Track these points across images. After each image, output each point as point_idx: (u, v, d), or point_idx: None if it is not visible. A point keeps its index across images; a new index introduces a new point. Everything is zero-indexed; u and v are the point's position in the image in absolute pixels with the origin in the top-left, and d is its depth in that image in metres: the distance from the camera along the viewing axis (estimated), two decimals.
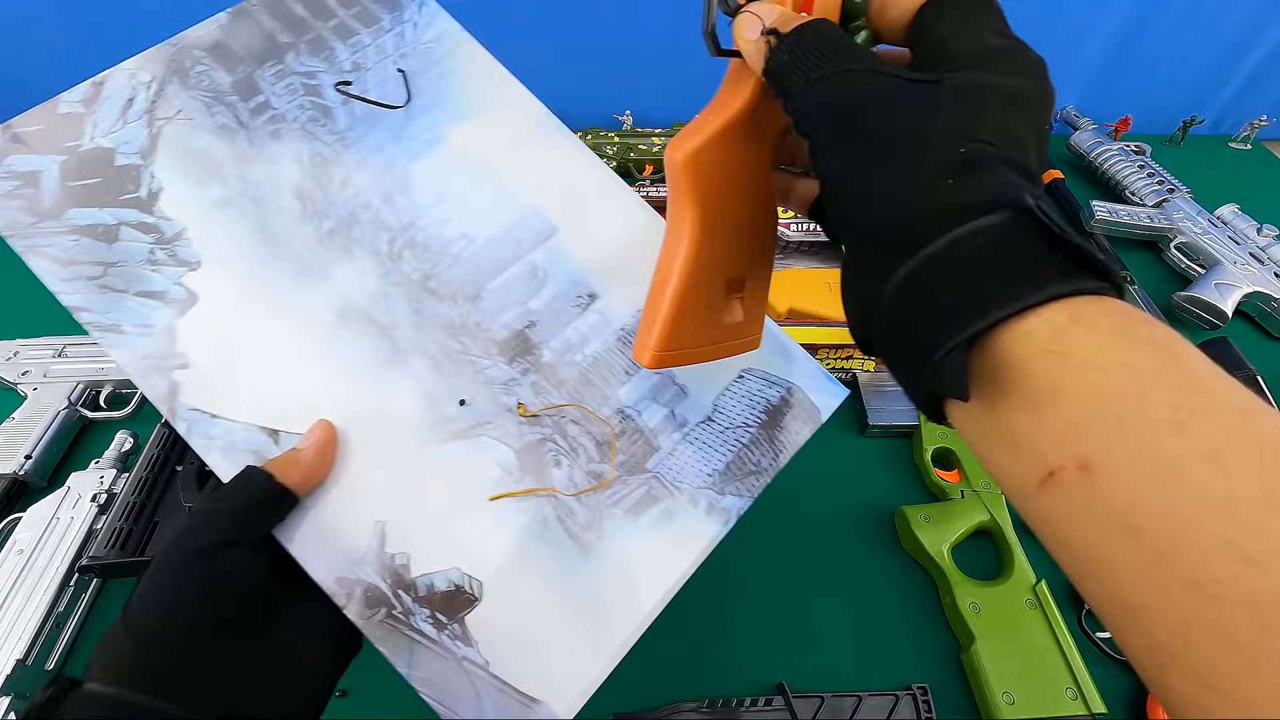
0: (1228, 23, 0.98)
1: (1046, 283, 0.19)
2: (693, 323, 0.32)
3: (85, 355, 0.69)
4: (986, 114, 0.21)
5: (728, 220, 0.32)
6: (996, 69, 0.22)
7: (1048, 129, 0.24)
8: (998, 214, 0.20)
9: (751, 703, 0.48)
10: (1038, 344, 0.19)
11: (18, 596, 0.51)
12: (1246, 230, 0.83)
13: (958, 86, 0.22)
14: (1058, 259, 0.19)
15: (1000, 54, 0.23)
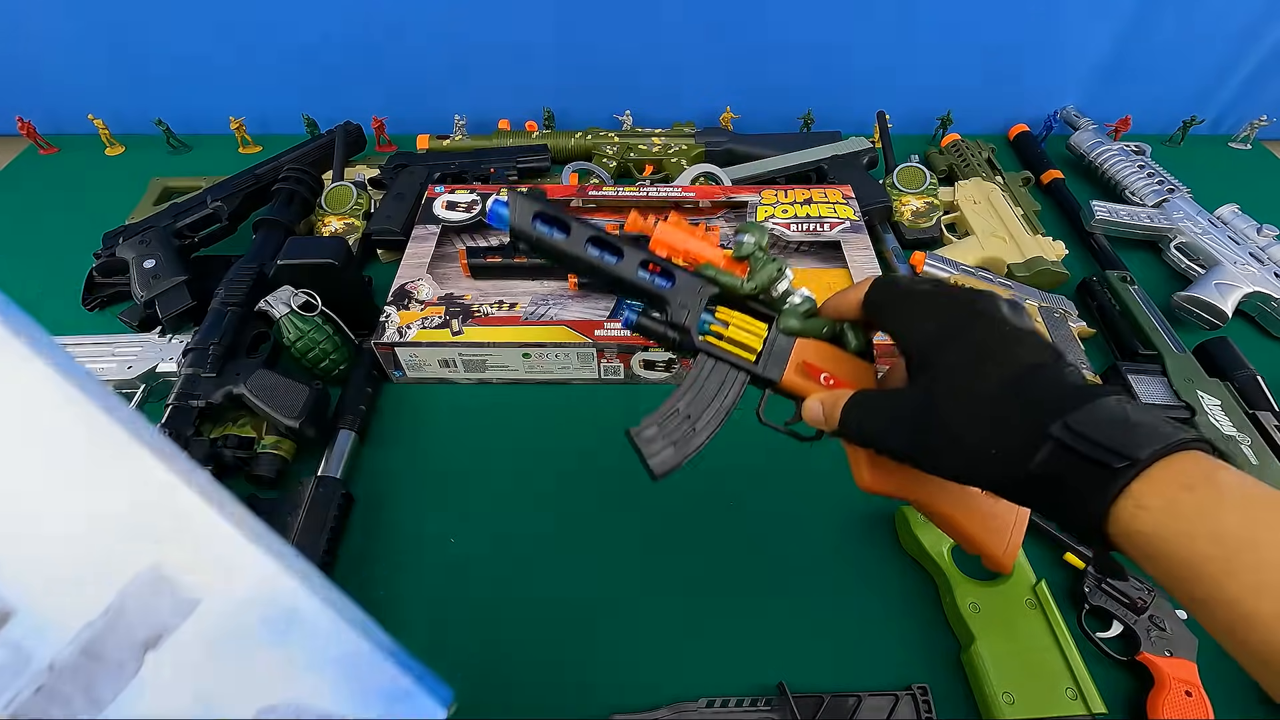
0: (1228, 23, 0.98)
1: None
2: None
3: (85, 355, 0.69)
4: (975, 399, 0.30)
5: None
6: (945, 348, 0.31)
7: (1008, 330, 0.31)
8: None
9: (751, 703, 0.48)
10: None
11: None
12: (1246, 230, 0.83)
13: (938, 392, 0.31)
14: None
15: (940, 332, 0.32)
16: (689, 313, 0.41)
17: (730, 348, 0.41)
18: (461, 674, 0.51)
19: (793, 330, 0.41)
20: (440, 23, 0.97)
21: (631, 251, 0.42)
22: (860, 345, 0.41)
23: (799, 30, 0.98)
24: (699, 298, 0.42)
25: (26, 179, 1.00)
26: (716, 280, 0.42)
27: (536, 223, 0.41)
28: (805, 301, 0.42)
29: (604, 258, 0.42)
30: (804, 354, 0.41)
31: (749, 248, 0.41)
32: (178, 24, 0.97)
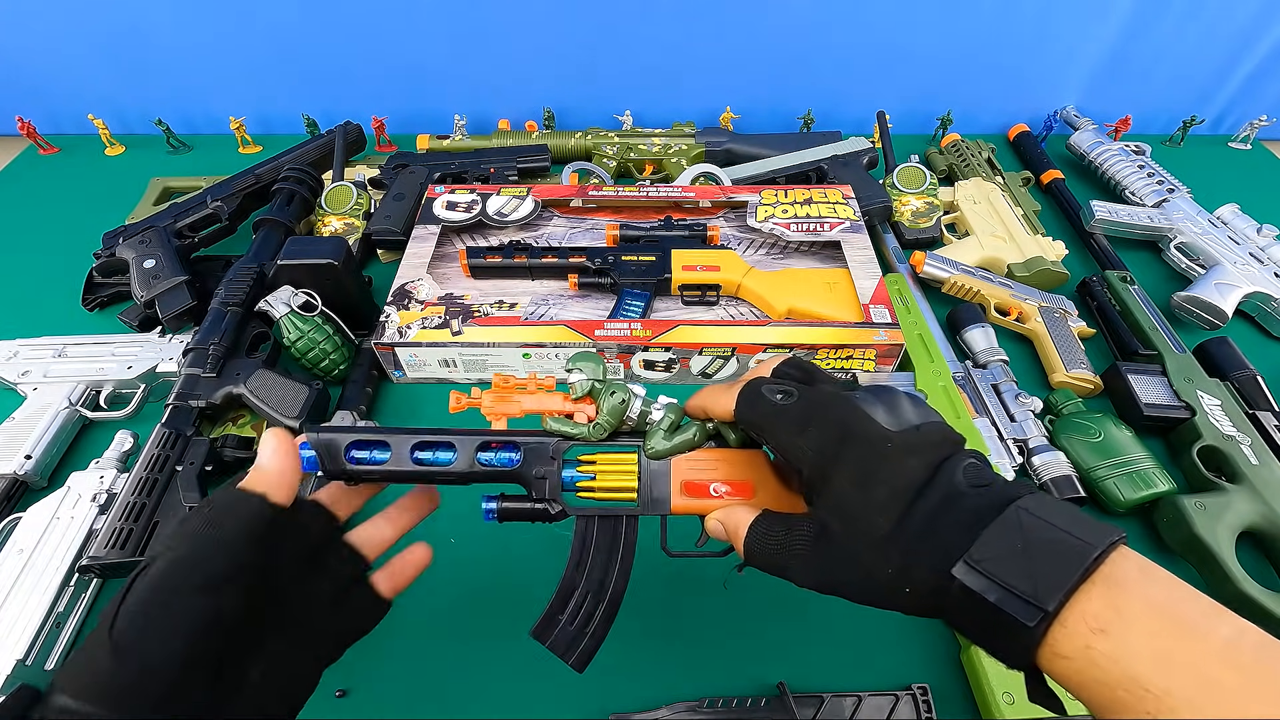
0: (1228, 23, 0.98)
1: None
2: None
3: (85, 355, 0.69)
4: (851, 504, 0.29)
5: None
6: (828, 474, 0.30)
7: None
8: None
9: (751, 703, 0.48)
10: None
11: (18, 596, 0.51)
12: (1246, 230, 0.83)
13: (834, 525, 0.30)
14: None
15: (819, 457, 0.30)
16: (548, 480, 0.37)
17: (606, 493, 0.37)
18: (461, 674, 0.51)
19: (662, 452, 0.37)
20: (441, 23, 0.97)
21: (464, 440, 0.36)
22: (740, 439, 0.38)
23: (799, 31, 0.98)
24: (553, 457, 0.37)
25: (26, 179, 1.00)
26: (563, 433, 0.37)
27: (351, 453, 0.35)
28: (666, 415, 0.37)
29: (436, 458, 0.36)
30: (683, 473, 0.37)
31: (583, 385, 0.37)
32: (178, 24, 0.97)
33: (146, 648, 0.25)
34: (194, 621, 0.26)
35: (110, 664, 0.25)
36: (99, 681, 0.25)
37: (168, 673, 0.25)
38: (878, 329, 0.66)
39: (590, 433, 0.37)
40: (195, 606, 0.27)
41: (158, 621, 0.26)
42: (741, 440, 0.38)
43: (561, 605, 0.37)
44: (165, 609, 0.26)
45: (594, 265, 0.73)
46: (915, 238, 0.85)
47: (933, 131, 1.05)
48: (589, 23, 0.97)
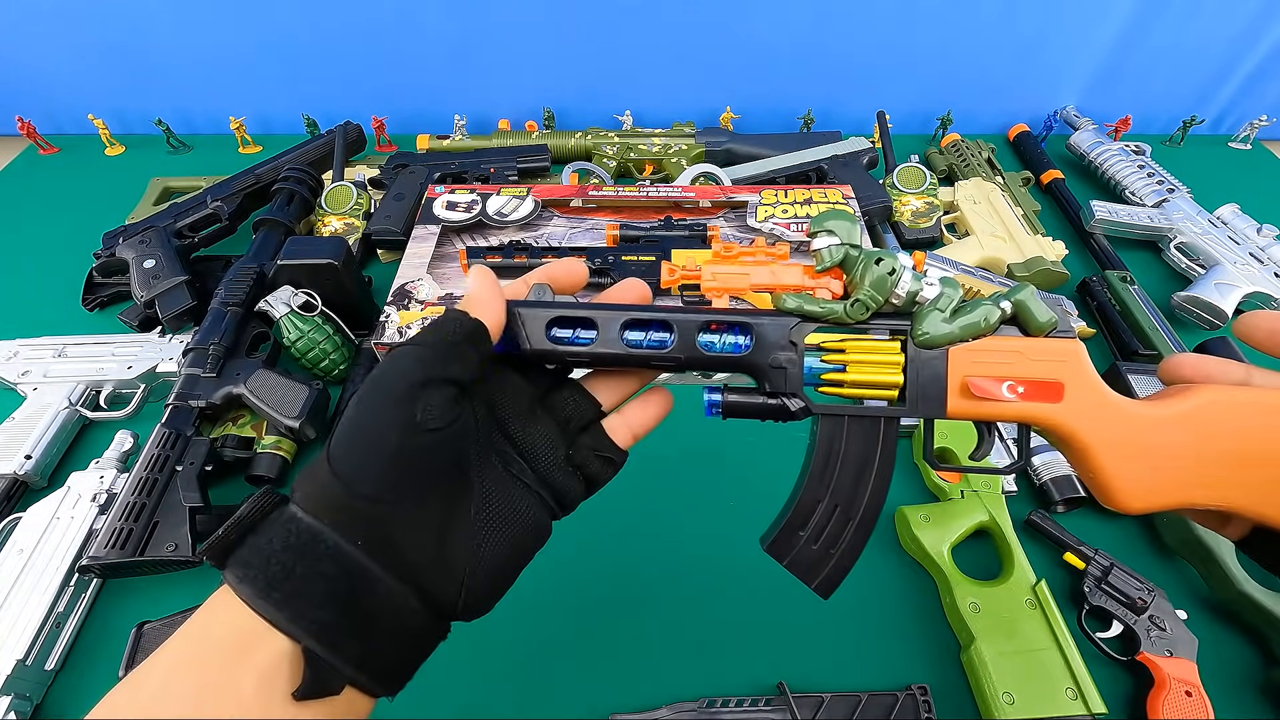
0: (1228, 23, 0.98)
1: None
2: None
3: (85, 355, 0.69)
4: None
5: None
6: None
7: None
8: None
9: (751, 703, 0.48)
10: None
11: (18, 596, 0.51)
12: (1246, 230, 0.83)
13: None
14: None
15: None
16: (787, 370, 0.30)
17: (860, 388, 0.30)
18: (461, 674, 0.51)
19: (938, 339, 0.29)
20: (441, 23, 0.97)
21: (682, 319, 0.30)
22: (1049, 321, 0.29)
23: (799, 30, 0.98)
24: (793, 342, 0.30)
25: (26, 179, 1.00)
26: (806, 313, 0.30)
27: (554, 331, 0.31)
28: (945, 292, 0.29)
29: (649, 341, 0.31)
30: (964, 366, 0.29)
31: (836, 252, 0.30)
32: (178, 24, 0.97)
33: (354, 469, 0.25)
34: (392, 434, 0.25)
35: (328, 473, 0.24)
36: (323, 498, 0.24)
37: (378, 493, 0.24)
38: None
39: (848, 312, 0.30)
40: (392, 418, 0.25)
41: (360, 440, 0.25)
42: (1051, 325, 0.29)
43: (802, 520, 0.31)
44: (362, 426, 0.25)
45: (594, 265, 0.73)
46: (915, 238, 0.85)
47: (933, 131, 1.05)
48: (589, 23, 0.97)
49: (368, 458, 0.25)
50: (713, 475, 0.63)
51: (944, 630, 0.54)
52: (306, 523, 0.24)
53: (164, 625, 0.50)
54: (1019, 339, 0.30)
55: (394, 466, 0.25)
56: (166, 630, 0.50)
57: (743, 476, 0.62)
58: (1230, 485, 0.27)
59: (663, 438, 0.63)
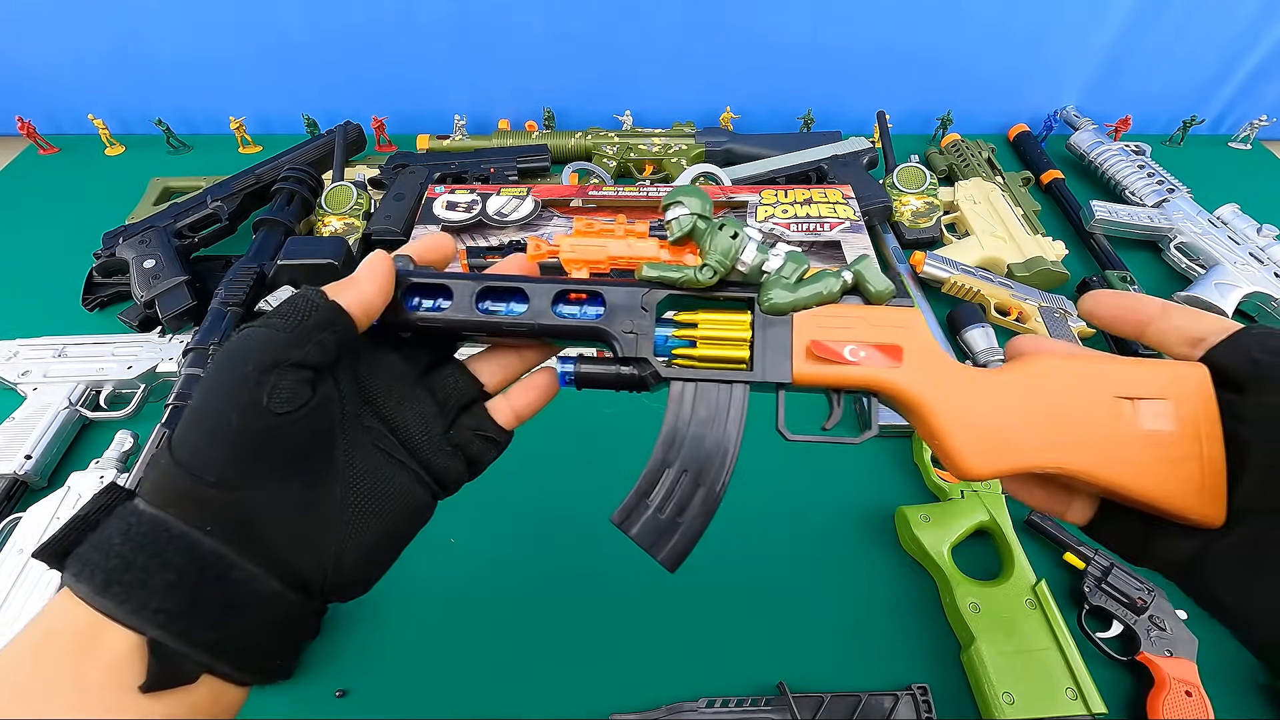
0: (1228, 23, 0.98)
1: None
2: None
3: (85, 355, 0.69)
4: None
5: None
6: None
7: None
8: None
9: (751, 703, 0.48)
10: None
11: (18, 596, 0.51)
12: (1246, 230, 0.83)
13: None
14: None
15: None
16: (638, 337, 0.30)
17: (708, 363, 0.31)
18: (461, 674, 0.51)
19: (782, 306, 0.30)
20: (441, 23, 0.97)
21: (538, 288, 0.31)
22: (886, 289, 0.31)
23: (799, 30, 0.98)
24: (645, 311, 0.31)
25: (26, 179, 1.00)
26: (661, 280, 0.31)
27: (411, 300, 0.31)
28: (789, 262, 0.31)
29: (508, 310, 0.31)
30: (809, 331, 0.30)
31: (686, 222, 0.31)
32: (178, 24, 0.97)
33: (196, 453, 0.24)
34: (234, 417, 0.24)
35: (173, 470, 0.24)
36: (167, 487, 0.24)
37: (223, 477, 0.24)
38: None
39: (696, 276, 0.30)
40: (236, 400, 0.24)
41: (202, 424, 0.24)
42: (888, 292, 0.31)
43: (649, 487, 0.30)
44: (205, 410, 0.24)
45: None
46: (915, 238, 0.85)
47: (933, 131, 1.05)
48: (589, 23, 0.97)
49: (210, 442, 0.24)
50: None
51: (944, 630, 0.54)
52: (149, 514, 0.23)
53: None
54: (860, 306, 0.31)
55: (239, 450, 0.24)
56: None
57: (742, 477, 0.62)
58: (1062, 448, 0.28)
59: None
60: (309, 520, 0.26)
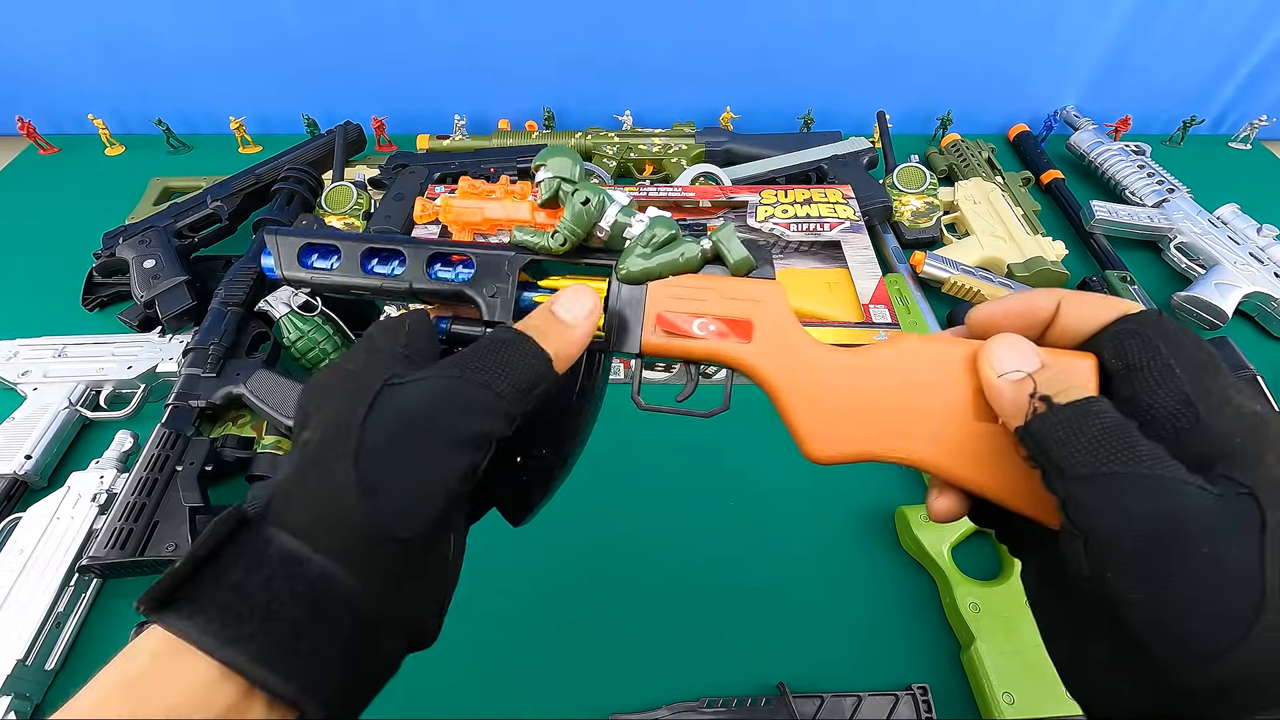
0: (1228, 23, 0.98)
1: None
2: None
3: (85, 355, 0.69)
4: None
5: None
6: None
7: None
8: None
9: (751, 703, 0.48)
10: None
11: (18, 596, 0.51)
12: (1246, 230, 0.83)
13: (1275, 505, 0.19)
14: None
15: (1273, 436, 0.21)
16: (499, 301, 0.30)
17: None
18: (461, 674, 0.51)
19: (635, 275, 0.30)
20: (441, 23, 0.97)
21: (415, 249, 0.31)
22: (743, 259, 0.30)
23: (799, 31, 0.98)
24: (507, 275, 0.30)
25: (26, 179, 1.00)
26: (524, 244, 0.31)
27: (308, 258, 0.32)
28: (651, 228, 0.30)
29: (391, 271, 0.32)
30: (660, 302, 0.29)
31: (550, 185, 0.30)
32: (178, 24, 0.97)
33: (400, 497, 0.20)
34: (454, 479, 0.21)
35: (358, 507, 0.20)
36: (341, 528, 0.20)
37: (416, 534, 0.21)
38: (878, 329, 0.66)
39: (549, 243, 0.30)
40: (457, 462, 0.21)
41: (418, 468, 0.21)
42: (743, 264, 0.30)
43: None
44: (426, 456, 0.21)
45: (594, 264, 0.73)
46: (915, 238, 0.85)
47: (933, 131, 1.05)
48: (589, 23, 0.97)
49: (420, 499, 0.21)
50: (712, 475, 0.63)
51: (944, 630, 0.54)
52: (319, 565, 0.19)
53: None
54: (716, 277, 0.30)
55: (443, 513, 0.21)
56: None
57: (741, 476, 0.62)
58: (914, 437, 0.26)
59: (662, 438, 0.64)
60: (440, 575, 0.24)
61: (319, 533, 0.20)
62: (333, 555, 0.20)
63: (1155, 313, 0.24)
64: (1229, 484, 0.20)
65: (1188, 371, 0.22)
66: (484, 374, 0.23)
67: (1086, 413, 0.21)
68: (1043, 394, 0.22)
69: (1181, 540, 0.19)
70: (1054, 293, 0.26)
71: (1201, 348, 0.23)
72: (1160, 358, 0.22)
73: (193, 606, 0.18)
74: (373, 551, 0.20)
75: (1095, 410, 0.21)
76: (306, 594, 0.19)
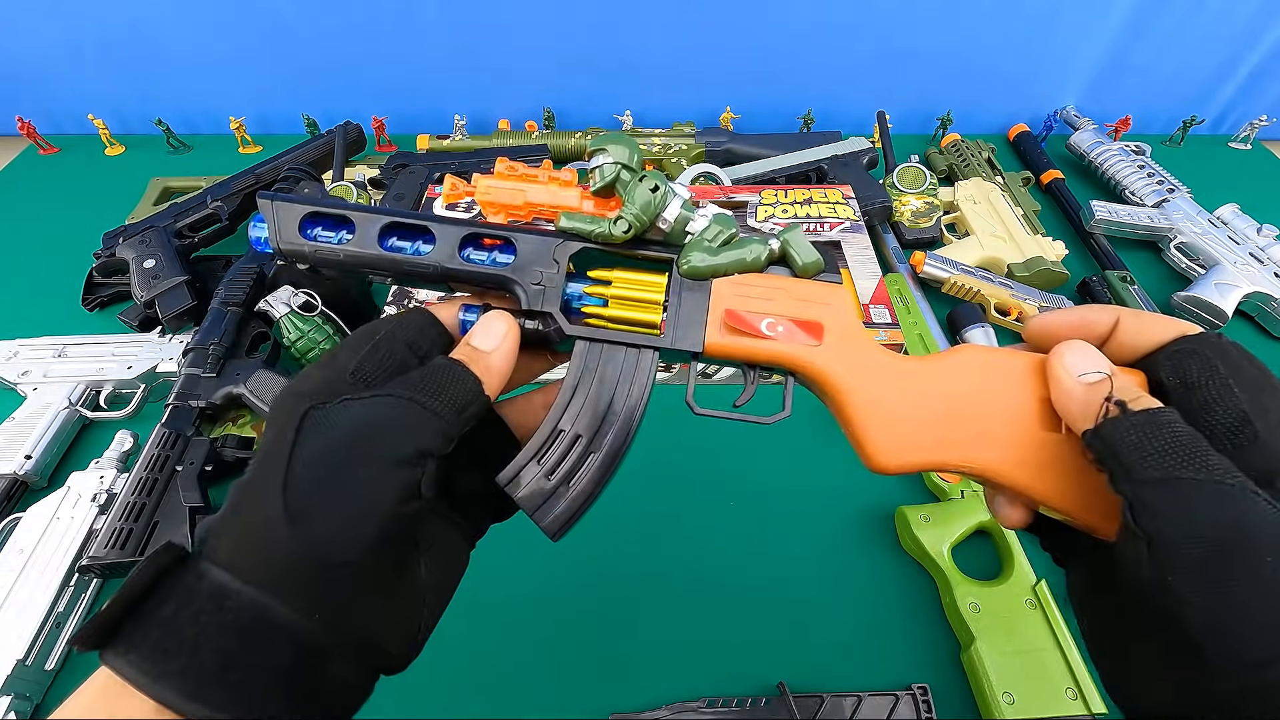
0: (1228, 23, 0.98)
1: None
2: None
3: (85, 355, 0.69)
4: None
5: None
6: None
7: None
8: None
9: (751, 703, 0.48)
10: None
11: (18, 596, 0.51)
12: (1246, 230, 0.83)
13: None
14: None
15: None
16: (545, 289, 0.28)
17: (618, 324, 0.29)
18: (461, 674, 0.51)
19: (702, 270, 0.28)
20: (441, 23, 0.97)
21: (446, 229, 0.28)
22: (814, 261, 0.29)
23: (799, 30, 0.98)
24: (555, 264, 0.28)
25: (26, 179, 1.00)
26: (576, 232, 0.29)
27: (310, 230, 0.29)
28: (714, 225, 0.29)
29: (414, 250, 0.29)
30: (726, 299, 0.28)
31: (609, 171, 0.28)
32: (178, 24, 0.97)
33: (332, 522, 0.20)
34: (390, 500, 0.21)
35: (287, 536, 0.20)
36: (272, 559, 0.19)
37: (354, 558, 0.20)
38: (878, 329, 0.66)
39: (610, 230, 0.28)
40: (393, 482, 0.21)
41: (349, 491, 0.21)
42: (812, 265, 0.29)
43: (539, 450, 0.28)
44: (358, 478, 0.21)
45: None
46: (915, 238, 0.85)
47: (933, 131, 1.05)
48: (589, 23, 0.97)
49: (353, 522, 0.21)
50: (712, 475, 0.63)
51: (944, 630, 0.54)
52: (249, 596, 0.19)
53: None
54: (784, 277, 0.29)
55: (380, 535, 0.21)
56: None
57: (741, 476, 0.62)
58: (978, 446, 0.26)
59: (662, 438, 0.64)
60: (404, 598, 0.24)
61: (248, 564, 0.20)
62: (264, 586, 0.20)
63: (1214, 334, 0.24)
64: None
65: (1246, 390, 0.22)
66: (420, 394, 0.23)
67: (1159, 420, 0.22)
68: (1118, 399, 0.23)
69: (1245, 549, 0.19)
70: (1111, 309, 0.26)
71: (1258, 367, 0.23)
72: (1219, 377, 0.23)
73: (128, 643, 0.18)
74: (310, 579, 0.20)
75: (1168, 419, 0.22)
76: (235, 625, 0.19)
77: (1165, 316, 0.26)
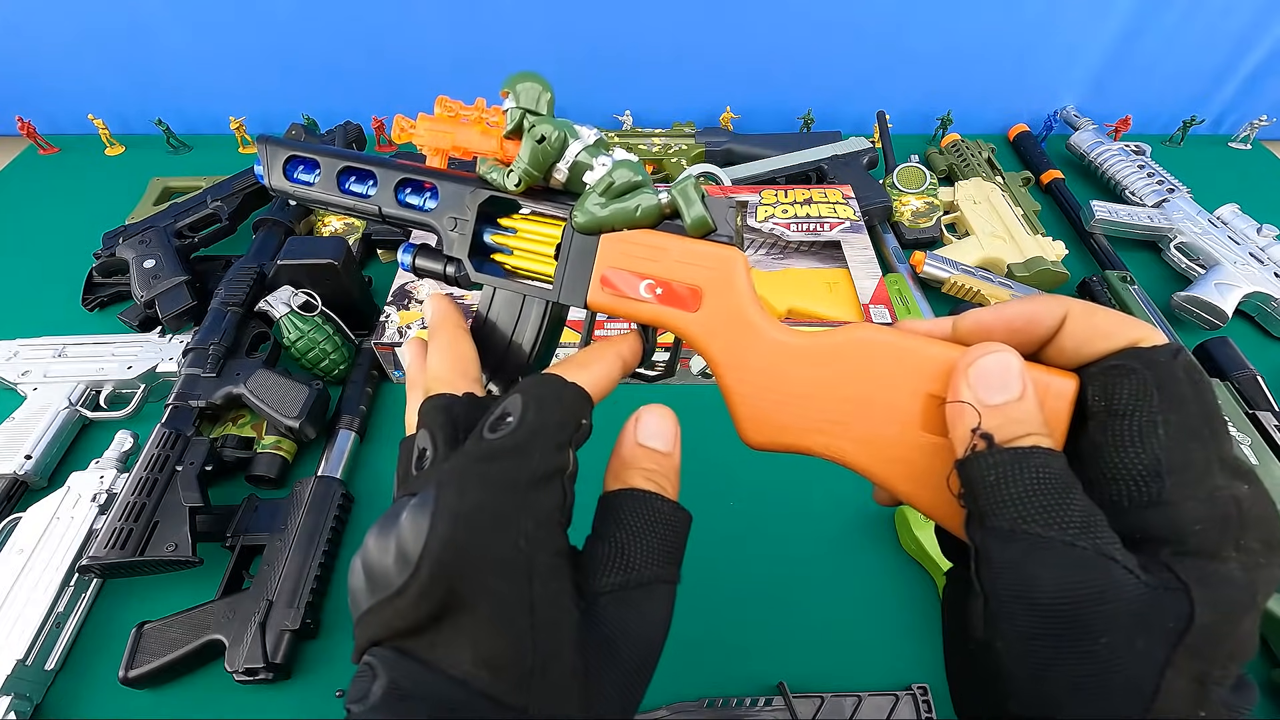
0: (1228, 23, 0.98)
1: None
2: None
3: (85, 355, 0.69)
4: (1221, 654, 0.17)
5: None
6: (1242, 560, 0.18)
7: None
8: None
9: (751, 703, 0.48)
10: None
11: (18, 596, 0.51)
12: (1246, 230, 0.83)
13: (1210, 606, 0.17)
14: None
15: (1243, 525, 0.18)
16: (457, 236, 0.29)
17: (521, 272, 0.30)
18: None
19: (588, 225, 0.27)
20: (441, 23, 0.97)
21: (387, 172, 0.30)
22: (699, 218, 0.26)
23: (799, 31, 0.98)
24: (466, 210, 0.29)
25: (26, 179, 1.00)
26: (484, 180, 0.29)
27: (293, 170, 0.32)
28: (612, 171, 0.27)
29: (364, 194, 0.31)
30: (609, 258, 0.27)
31: (513, 115, 0.27)
32: (178, 24, 0.97)
33: (510, 649, 0.20)
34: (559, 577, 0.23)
35: (463, 699, 0.20)
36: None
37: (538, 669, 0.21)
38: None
39: (504, 180, 0.28)
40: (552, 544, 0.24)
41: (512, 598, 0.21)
42: (704, 222, 0.26)
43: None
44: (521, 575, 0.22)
45: None
46: (915, 238, 0.85)
47: (933, 131, 1.05)
48: (589, 23, 0.97)
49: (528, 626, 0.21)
50: (711, 475, 0.63)
51: None
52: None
53: (164, 625, 0.50)
54: (671, 236, 0.27)
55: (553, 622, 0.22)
56: (166, 630, 0.50)
57: (741, 476, 0.62)
58: (847, 437, 0.24)
59: None
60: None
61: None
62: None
63: (1170, 350, 0.20)
64: (1166, 575, 0.17)
65: (1175, 433, 0.19)
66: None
67: (1026, 461, 0.19)
68: (984, 430, 0.20)
69: (1081, 623, 0.17)
70: (1062, 303, 0.22)
71: (1205, 404, 0.19)
72: (1148, 410, 0.19)
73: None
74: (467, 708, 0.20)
75: (1038, 461, 0.19)
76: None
77: (1125, 317, 0.21)
